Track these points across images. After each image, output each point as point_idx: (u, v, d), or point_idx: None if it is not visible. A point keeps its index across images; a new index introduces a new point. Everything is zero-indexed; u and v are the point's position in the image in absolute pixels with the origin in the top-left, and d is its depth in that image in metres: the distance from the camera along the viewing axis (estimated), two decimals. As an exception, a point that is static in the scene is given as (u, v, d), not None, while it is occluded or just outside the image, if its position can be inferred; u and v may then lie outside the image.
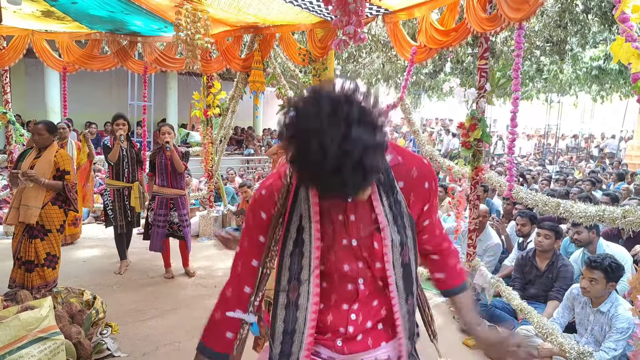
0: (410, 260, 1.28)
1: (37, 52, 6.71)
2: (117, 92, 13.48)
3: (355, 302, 1.29)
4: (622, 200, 6.17)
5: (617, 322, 3.06)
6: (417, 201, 1.28)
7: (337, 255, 1.24)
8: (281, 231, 1.26)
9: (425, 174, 1.28)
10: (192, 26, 4.83)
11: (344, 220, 1.23)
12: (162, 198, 5.11)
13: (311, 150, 0.95)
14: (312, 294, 1.24)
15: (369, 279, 1.27)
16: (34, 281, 4.11)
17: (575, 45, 9.41)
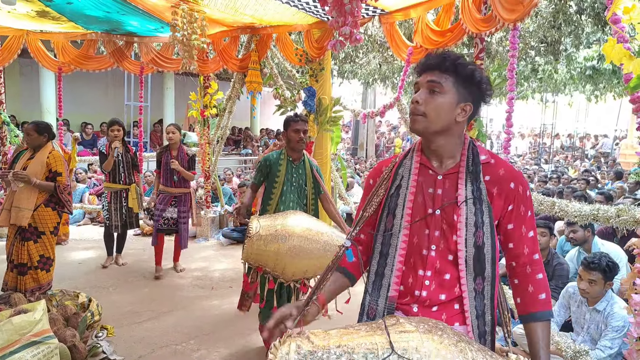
0: (485, 244, 1.44)
1: (32, 53, 6.70)
2: (113, 93, 13.43)
3: (428, 269, 1.47)
4: (616, 199, 6.21)
5: (613, 320, 3.08)
6: (499, 196, 1.46)
7: (422, 220, 1.47)
8: (384, 192, 1.55)
9: (513, 176, 1.47)
10: (189, 26, 4.82)
11: (433, 193, 1.48)
12: (166, 195, 5.20)
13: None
14: (399, 247, 1.49)
15: (441, 249, 1.46)
16: (27, 284, 4.09)
17: (569, 46, 9.45)
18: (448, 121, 1.44)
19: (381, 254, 1.54)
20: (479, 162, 1.47)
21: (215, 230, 7.32)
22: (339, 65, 12.05)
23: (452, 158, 1.49)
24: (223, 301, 4.60)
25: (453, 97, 1.43)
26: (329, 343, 1.22)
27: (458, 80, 1.43)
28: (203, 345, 3.64)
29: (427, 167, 1.50)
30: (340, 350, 1.19)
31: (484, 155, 1.50)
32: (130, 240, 7.01)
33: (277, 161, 3.53)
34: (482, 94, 1.48)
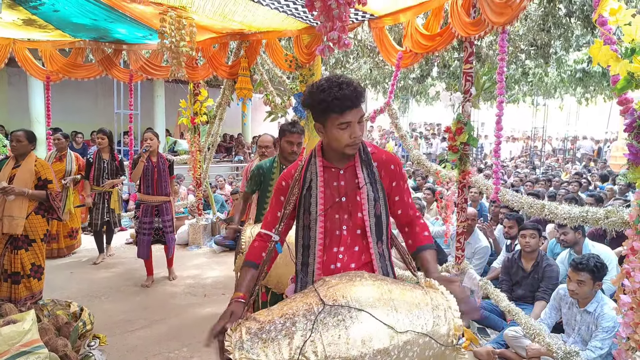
0: (382, 214, 1.84)
1: (19, 61, 6.64)
2: (103, 101, 13.37)
3: (341, 245, 1.81)
4: (607, 201, 6.25)
5: (603, 321, 3.10)
6: (386, 175, 1.87)
7: (332, 209, 1.82)
8: (298, 191, 1.86)
9: (391, 160, 1.89)
10: (177, 33, 4.81)
11: (337, 185, 1.83)
12: (147, 206, 5.14)
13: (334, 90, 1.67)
14: (317, 236, 1.82)
15: (350, 228, 1.81)
16: (21, 293, 4.06)
17: (559, 49, 9.54)
18: None
19: (304, 247, 1.87)
20: (369, 152, 1.85)
21: (208, 238, 7.27)
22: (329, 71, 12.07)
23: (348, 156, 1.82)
24: (216, 308, 4.57)
25: (364, 113, 1.79)
26: (273, 317, 1.43)
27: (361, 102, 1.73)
28: (196, 352, 3.61)
29: (329, 167, 1.84)
30: (283, 319, 1.40)
31: (370, 147, 1.88)
32: (121, 249, 6.97)
33: (270, 169, 3.48)
34: None
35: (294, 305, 1.45)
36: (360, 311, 1.38)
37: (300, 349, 1.33)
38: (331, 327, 1.36)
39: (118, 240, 7.51)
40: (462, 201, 4.24)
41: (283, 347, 1.35)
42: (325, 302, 1.41)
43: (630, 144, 2.15)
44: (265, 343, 1.37)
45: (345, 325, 1.36)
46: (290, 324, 1.38)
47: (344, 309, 1.39)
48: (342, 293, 1.43)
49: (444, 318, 1.43)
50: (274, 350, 1.35)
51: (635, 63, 2.06)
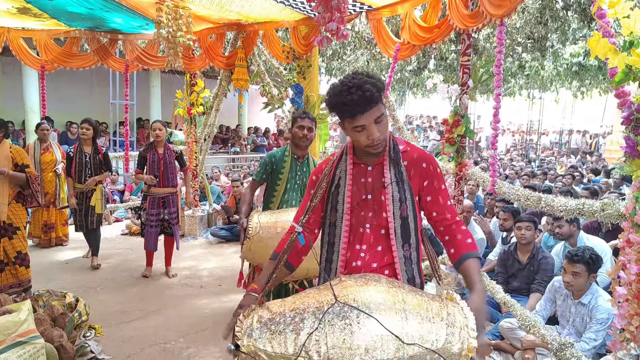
0: (409, 216, 1.76)
1: (13, 50, 6.58)
2: (98, 91, 13.26)
3: (364, 243, 1.77)
4: (602, 194, 6.28)
5: (597, 313, 3.13)
6: (416, 175, 1.78)
7: (358, 206, 1.78)
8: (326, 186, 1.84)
9: (424, 158, 1.80)
10: (174, 23, 4.77)
11: (365, 181, 1.79)
12: (154, 197, 5.09)
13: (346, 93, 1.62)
14: (342, 234, 1.80)
15: (374, 227, 1.77)
16: (6, 280, 4.09)
17: (556, 42, 9.53)
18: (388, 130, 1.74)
19: (329, 243, 1.85)
20: (399, 150, 1.79)
21: (204, 229, 7.27)
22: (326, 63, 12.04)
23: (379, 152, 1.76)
24: (212, 300, 4.58)
25: (384, 112, 1.69)
26: (285, 309, 1.43)
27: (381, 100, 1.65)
28: (192, 343, 3.62)
29: (359, 163, 1.80)
30: (293, 313, 1.40)
31: (402, 145, 1.81)
32: (117, 240, 6.97)
33: (282, 158, 3.51)
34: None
35: (306, 301, 1.44)
36: (369, 317, 1.33)
37: (303, 346, 1.31)
38: (337, 329, 1.32)
39: (114, 231, 7.51)
40: (458, 193, 4.25)
41: (289, 341, 1.34)
42: (337, 299, 1.38)
43: (627, 136, 2.15)
44: (273, 334, 1.37)
45: (352, 330, 1.32)
46: (299, 319, 1.37)
47: (353, 312, 1.35)
48: (354, 295, 1.39)
49: (458, 336, 1.34)
50: (280, 343, 1.35)
51: (633, 56, 2.06)
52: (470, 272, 1.65)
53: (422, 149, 1.87)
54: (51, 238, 6.23)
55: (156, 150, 5.05)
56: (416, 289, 1.54)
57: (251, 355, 1.37)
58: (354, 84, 1.61)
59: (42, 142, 6.06)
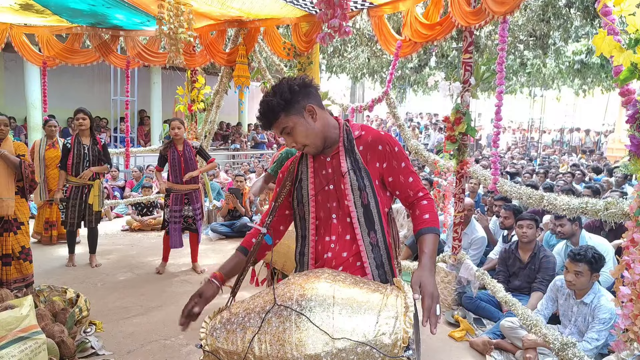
0: (370, 203, 1.76)
1: (16, 46, 6.56)
2: (99, 87, 13.28)
3: (332, 234, 1.79)
4: (603, 192, 6.27)
5: (599, 312, 3.11)
6: (373, 159, 1.78)
7: (322, 197, 1.81)
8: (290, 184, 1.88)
9: (379, 140, 1.78)
10: (175, 20, 4.75)
11: (326, 173, 1.80)
12: (177, 195, 5.07)
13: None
14: (310, 226, 1.83)
15: (340, 216, 1.79)
16: (12, 274, 4.10)
17: (558, 40, 9.50)
18: (315, 131, 1.73)
19: (302, 237, 1.89)
20: (352, 138, 1.79)
21: (204, 226, 7.27)
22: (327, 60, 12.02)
23: (334, 143, 1.80)
24: (212, 297, 4.58)
25: (297, 120, 1.71)
26: (240, 309, 1.53)
27: (287, 110, 1.69)
28: (192, 340, 3.62)
29: (318, 155, 1.83)
30: (245, 312, 1.50)
31: (357, 130, 1.82)
32: (117, 236, 6.97)
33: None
34: (303, 88, 1.71)
35: (256, 301, 1.53)
36: (300, 314, 1.39)
37: (249, 343, 1.42)
38: (274, 327, 1.41)
39: (114, 227, 7.51)
40: (459, 191, 4.24)
41: (238, 339, 1.45)
42: (276, 301, 1.45)
43: (632, 135, 2.14)
44: (229, 333, 1.49)
45: (284, 327, 1.39)
46: (247, 318, 1.48)
47: (287, 310, 1.41)
48: (292, 293, 1.45)
49: (392, 326, 1.35)
50: (233, 341, 1.46)
51: (638, 54, 2.05)
52: (420, 249, 1.65)
53: (377, 130, 1.85)
54: (52, 235, 6.22)
55: (176, 148, 5.03)
56: (360, 280, 1.54)
57: (213, 353, 1.50)
58: (263, 99, 1.71)
59: (49, 139, 6.08)
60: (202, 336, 1.55)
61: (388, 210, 1.85)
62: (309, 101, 1.73)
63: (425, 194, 1.80)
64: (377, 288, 1.49)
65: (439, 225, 1.76)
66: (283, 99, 1.68)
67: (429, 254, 1.62)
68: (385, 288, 1.49)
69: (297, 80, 1.72)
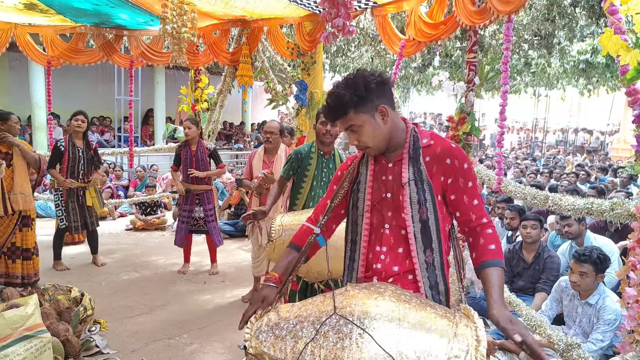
0: (429, 219, 1.64)
1: (20, 46, 6.59)
2: (103, 87, 13.30)
3: (384, 245, 1.69)
4: (608, 193, 6.24)
5: (604, 313, 3.10)
6: (438, 172, 1.65)
7: (378, 204, 1.70)
8: (348, 185, 1.78)
9: (449, 153, 1.65)
10: (179, 19, 4.75)
11: (385, 179, 1.70)
12: (188, 194, 5.08)
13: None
14: (363, 232, 1.73)
15: (394, 227, 1.68)
16: (30, 269, 4.22)
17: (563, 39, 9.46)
18: (382, 134, 1.63)
19: (352, 241, 1.79)
20: (419, 146, 1.67)
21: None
22: (330, 59, 12.01)
23: (399, 147, 1.69)
24: (215, 295, 4.58)
25: (367, 119, 1.60)
26: (290, 315, 1.45)
27: (357, 108, 1.58)
28: (196, 339, 3.63)
29: (380, 159, 1.72)
30: (296, 320, 1.41)
31: (425, 138, 1.69)
32: (121, 235, 6.99)
33: (308, 155, 3.40)
34: (379, 86, 1.60)
35: (309, 309, 1.43)
36: (363, 333, 1.28)
37: (299, 355, 1.32)
38: (331, 342, 1.30)
39: (118, 226, 7.54)
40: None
41: (288, 348, 1.36)
42: (336, 312, 1.35)
43: (639, 135, 2.12)
44: (277, 339, 1.39)
45: (343, 345, 1.27)
46: (299, 327, 1.38)
47: (347, 326, 1.30)
48: (353, 308, 1.35)
49: (462, 359, 1.23)
50: (281, 349, 1.37)
51: (645, 53, 2.04)
52: (488, 284, 1.52)
53: (449, 142, 1.70)
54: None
55: (189, 148, 5.04)
56: (426, 303, 1.42)
57: (257, 357, 1.41)
58: (331, 90, 1.62)
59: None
60: (246, 337, 1.46)
61: (450, 228, 1.73)
62: (383, 101, 1.61)
63: (489, 221, 1.66)
64: (444, 314, 1.36)
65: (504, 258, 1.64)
66: (357, 95, 1.57)
67: (500, 290, 1.49)
68: (453, 315, 1.36)
69: (374, 77, 1.60)
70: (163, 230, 7.40)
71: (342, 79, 1.64)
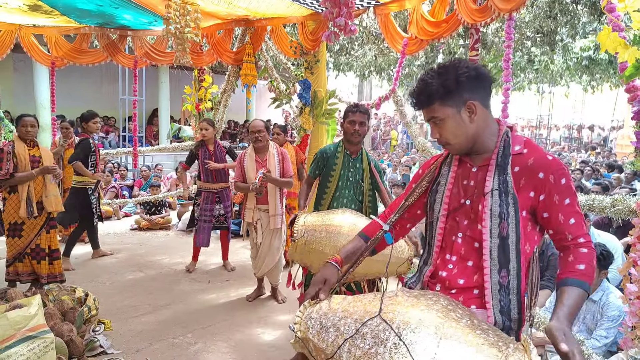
0: (510, 236, 1.47)
1: (24, 47, 6.64)
2: (107, 87, 13.37)
3: (454, 254, 1.58)
4: (612, 189, 6.22)
5: (608, 310, 3.10)
6: (528, 186, 1.47)
7: (456, 210, 1.58)
8: (427, 184, 1.69)
9: (542, 166, 1.46)
10: (182, 19, 4.78)
11: (467, 184, 1.57)
12: (208, 193, 5.15)
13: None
14: (436, 237, 1.63)
15: (467, 237, 1.55)
16: (60, 269, 4.35)
17: (565, 36, 9.44)
18: (467, 132, 1.50)
19: (427, 244, 1.70)
20: (509, 153, 1.50)
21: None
22: (334, 58, 12.02)
23: (487, 151, 1.54)
24: (219, 295, 4.60)
25: (452, 114, 1.49)
26: (339, 307, 1.46)
27: (443, 99, 1.48)
28: (200, 338, 3.64)
29: (465, 161, 1.59)
30: (342, 314, 1.42)
31: (518, 145, 1.51)
32: (126, 235, 7.02)
33: (334, 154, 3.36)
34: (472, 80, 1.47)
35: (357, 306, 1.43)
36: (400, 343, 1.23)
37: (338, 349, 1.35)
38: (366, 344, 1.28)
39: (123, 226, 7.57)
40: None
41: (330, 339, 1.39)
42: (380, 315, 1.32)
43: (638, 131, 2.13)
44: (322, 328, 1.43)
45: (377, 350, 1.24)
46: (343, 322, 1.39)
47: (385, 332, 1.27)
48: (395, 314, 1.31)
49: None
50: (324, 338, 1.41)
51: (644, 50, 2.04)
52: (559, 302, 1.37)
53: (544, 152, 1.52)
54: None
55: (207, 148, 5.12)
56: (478, 326, 1.28)
57: (303, 341, 1.47)
58: (422, 78, 1.52)
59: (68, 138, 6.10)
60: (297, 320, 1.50)
61: (534, 250, 1.54)
62: (474, 97, 1.48)
63: (587, 240, 1.47)
64: (496, 341, 1.22)
65: (592, 283, 1.48)
66: (444, 87, 1.46)
67: (571, 310, 1.34)
68: (507, 345, 1.21)
69: (468, 69, 1.47)
70: (167, 230, 7.44)
71: (436, 66, 1.54)
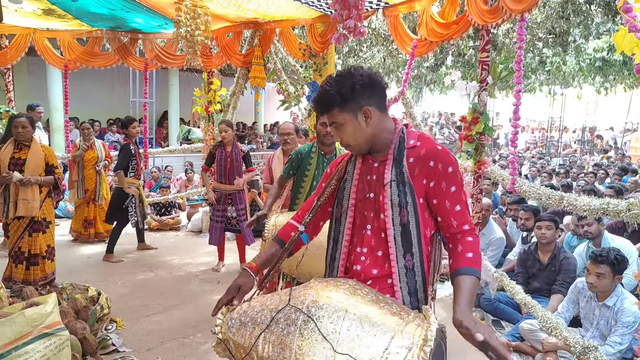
0: (410, 222, 1.59)
1: (38, 50, 6.73)
2: (119, 90, 13.46)
3: (364, 246, 1.67)
4: (627, 193, 6.14)
5: (623, 315, 3.04)
6: (421, 174, 1.60)
7: (362, 204, 1.69)
8: (335, 183, 1.78)
9: (433, 155, 1.59)
10: (192, 22, 4.81)
11: (370, 179, 1.68)
12: (221, 194, 5.18)
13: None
14: (345, 231, 1.72)
15: (375, 229, 1.66)
16: (36, 274, 4.22)
17: (578, 37, 9.34)
18: (364, 135, 1.62)
19: (334, 240, 1.77)
20: (404, 147, 1.64)
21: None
22: (342, 60, 12.00)
23: (386, 148, 1.66)
24: (230, 296, 4.61)
25: (349, 119, 1.60)
26: (257, 303, 1.52)
27: (341, 106, 1.58)
28: (209, 339, 3.65)
29: (368, 158, 1.70)
30: (259, 308, 1.48)
31: (413, 139, 1.65)
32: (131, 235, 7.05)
33: (308, 154, 3.41)
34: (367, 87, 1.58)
35: (273, 298, 1.50)
36: (309, 320, 1.32)
37: (255, 340, 1.40)
38: (280, 329, 1.37)
39: (134, 227, 7.61)
40: (477, 192, 4.21)
41: (247, 333, 1.44)
42: (290, 303, 1.40)
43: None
44: (241, 325, 1.48)
45: (288, 331, 1.34)
46: (260, 315, 1.45)
47: (296, 313, 1.36)
48: (305, 297, 1.40)
49: (403, 356, 1.22)
50: (242, 334, 1.46)
51: (660, 51, 2.01)
52: (457, 291, 1.49)
53: (435, 143, 1.66)
54: (90, 233, 6.39)
55: (224, 149, 5.15)
56: (383, 300, 1.44)
57: (224, 342, 1.52)
58: (322, 86, 1.63)
59: (87, 140, 6.26)
60: (217, 322, 1.55)
61: (432, 233, 1.67)
62: (369, 102, 1.59)
63: (471, 228, 1.61)
64: (398, 311, 1.38)
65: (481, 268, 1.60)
66: (341, 95, 1.57)
67: (468, 297, 1.47)
68: (409, 314, 1.38)
69: (362, 77, 1.58)
70: (177, 231, 7.47)
71: (335, 74, 1.65)
